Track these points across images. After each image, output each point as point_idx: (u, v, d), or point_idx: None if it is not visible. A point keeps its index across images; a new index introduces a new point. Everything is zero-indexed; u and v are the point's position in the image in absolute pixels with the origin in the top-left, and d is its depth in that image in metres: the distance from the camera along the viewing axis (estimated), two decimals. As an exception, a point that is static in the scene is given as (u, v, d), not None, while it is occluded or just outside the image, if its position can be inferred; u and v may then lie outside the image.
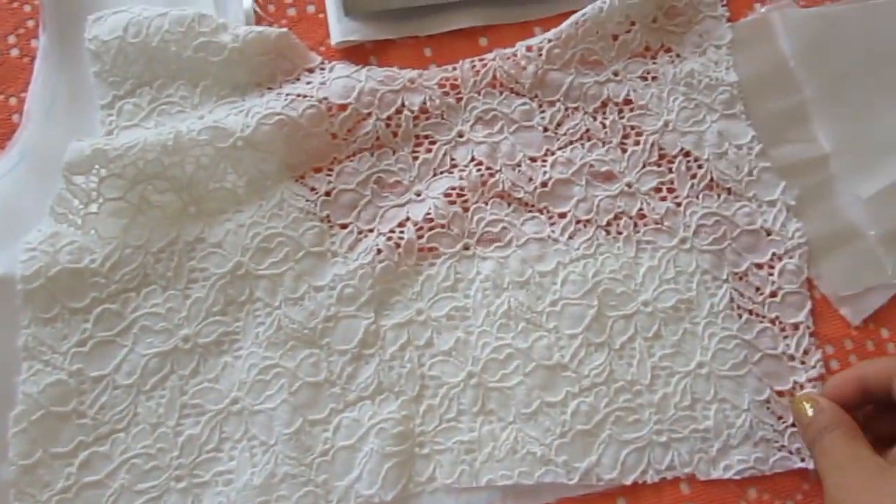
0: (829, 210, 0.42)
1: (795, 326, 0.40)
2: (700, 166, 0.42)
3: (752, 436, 0.38)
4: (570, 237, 0.41)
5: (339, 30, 0.44)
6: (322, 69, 0.43)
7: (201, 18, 0.40)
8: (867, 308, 0.41)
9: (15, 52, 0.44)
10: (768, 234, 0.41)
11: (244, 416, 0.37)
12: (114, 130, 0.40)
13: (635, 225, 0.41)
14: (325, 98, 0.41)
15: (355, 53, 0.44)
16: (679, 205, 0.41)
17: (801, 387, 0.39)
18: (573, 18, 0.43)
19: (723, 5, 0.45)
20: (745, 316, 0.40)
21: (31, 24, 0.44)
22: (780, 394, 0.39)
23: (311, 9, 0.45)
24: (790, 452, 0.38)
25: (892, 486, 0.32)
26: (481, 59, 0.43)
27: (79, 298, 0.38)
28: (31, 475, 0.36)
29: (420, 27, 0.45)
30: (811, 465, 0.38)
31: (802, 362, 0.40)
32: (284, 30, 0.42)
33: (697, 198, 0.41)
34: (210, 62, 0.41)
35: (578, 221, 0.41)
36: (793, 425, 0.38)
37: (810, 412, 0.36)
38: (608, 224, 0.41)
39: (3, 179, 0.39)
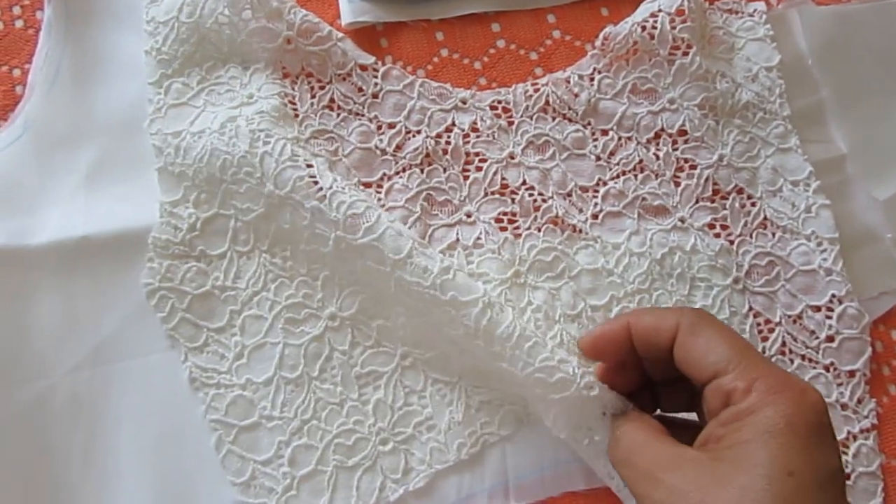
0: (846, 212, 0.41)
1: (851, 374, 0.39)
2: (753, 204, 0.41)
3: None
4: (625, 269, 0.39)
5: (350, 10, 0.43)
6: (375, 70, 0.42)
7: (257, 2, 0.39)
8: (878, 310, 0.40)
9: (20, 24, 0.42)
10: (828, 273, 0.40)
11: (419, 367, 0.38)
12: (162, 108, 0.40)
13: (689, 261, 0.40)
14: (376, 116, 0.41)
15: (366, 35, 0.43)
16: (732, 242, 0.40)
17: (855, 437, 0.38)
18: (618, 37, 0.41)
19: (765, 25, 0.44)
20: (798, 361, 0.39)
21: (36, -5, 0.43)
22: None
23: (322, -12, 0.44)
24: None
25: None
26: (534, 84, 0.42)
27: (219, 318, 0.38)
28: (252, 487, 0.36)
29: (432, 11, 0.44)
30: None
31: (855, 411, 0.38)
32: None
33: (751, 236, 0.40)
34: (263, 48, 0.40)
35: (632, 254, 0.40)
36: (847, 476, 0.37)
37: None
38: (662, 258, 0.40)
39: (5, 151, 0.38)
